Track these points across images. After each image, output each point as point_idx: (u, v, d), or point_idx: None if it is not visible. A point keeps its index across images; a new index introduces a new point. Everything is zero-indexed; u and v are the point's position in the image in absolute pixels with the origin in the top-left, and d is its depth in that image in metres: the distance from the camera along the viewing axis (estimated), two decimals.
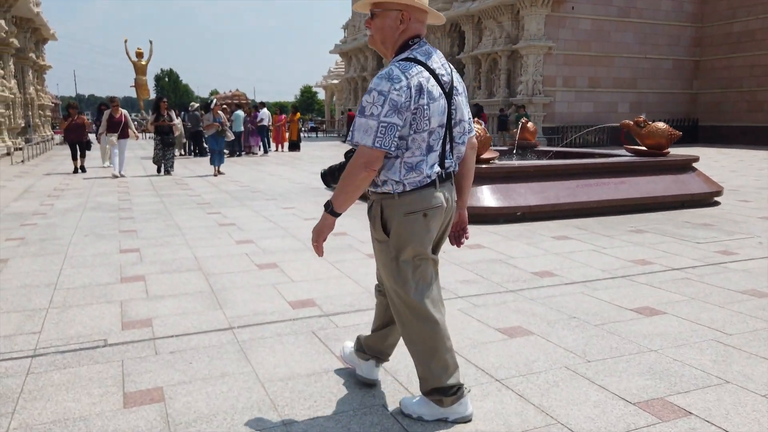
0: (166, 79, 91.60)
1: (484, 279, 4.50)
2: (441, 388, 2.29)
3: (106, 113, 12.73)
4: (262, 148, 20.36)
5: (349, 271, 4.72)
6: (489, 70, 23.39)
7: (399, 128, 2.03)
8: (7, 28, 18.92)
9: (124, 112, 12.85)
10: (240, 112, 18.85)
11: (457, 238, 2.54)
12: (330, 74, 46.69)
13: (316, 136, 38.66)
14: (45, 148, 21.40)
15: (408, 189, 2.13)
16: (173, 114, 13.73)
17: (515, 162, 7.73)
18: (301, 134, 23.39)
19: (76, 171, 13.07)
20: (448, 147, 2.23)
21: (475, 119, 7.51)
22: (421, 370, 2.33)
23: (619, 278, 4.51)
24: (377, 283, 2.57)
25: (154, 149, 12.93)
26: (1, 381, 2.79)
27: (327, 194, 9.34)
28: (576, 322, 3.54)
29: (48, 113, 30.90)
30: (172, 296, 4.09)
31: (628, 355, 3.03)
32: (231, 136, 13.22)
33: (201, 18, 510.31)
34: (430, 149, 2.14)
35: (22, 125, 22.88)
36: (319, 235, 2.20)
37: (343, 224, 6.70)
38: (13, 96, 20.24)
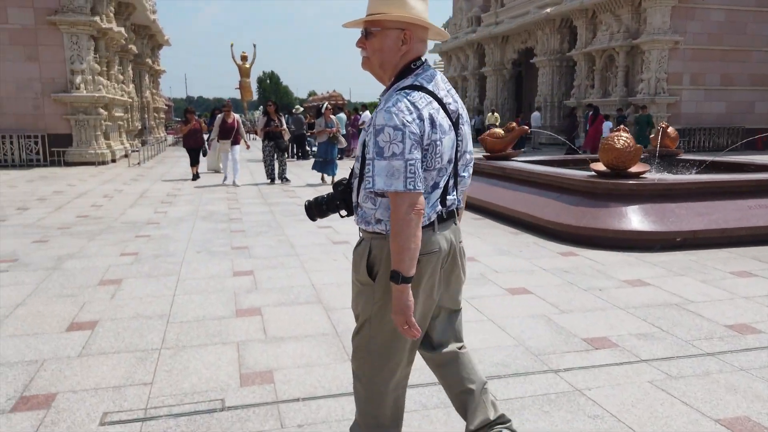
0: (268, 81, 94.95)
1: (665, 333, 3.61)
2: None
3: (218, 118, 12.19)
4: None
5: (492, 313, 3.99)
6: (604, 68, 21.70)
7: (421, 163, 1.77)
8: (126, 35, 19.87)
9: (237, 116, 12.23)
10: (342, 115, 18.63)
11: None
12: None
13: None
14: (158, 150, 22.35)
15: None
16: (283, 118, 12.87)
17: (672, 177, 6.63)
18: None
19: (194, 178, 12.72)
20: (451, 182, 1.94)
21: (621, 127, 6.51)
22: (359, 414, 2.13)
23: None
24: (425, 352, 2.18)
25: (266, 156, 12.19)
26: None
27: None
28: None
29: (162, 115, 32.60)
30: (293, 338, 3.56)
31: None
32: (344, 142, 12.49)
33: (299, 19, 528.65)
34: (434, 186, 1.88)
35: (139, 128, 24.10)
36: (407, 314, 1.81)
37: (468, 245, 5.95)
38: (131, 100, 21.28)
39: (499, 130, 8.92)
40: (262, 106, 46.57)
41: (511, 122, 9.23)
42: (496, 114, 26.32)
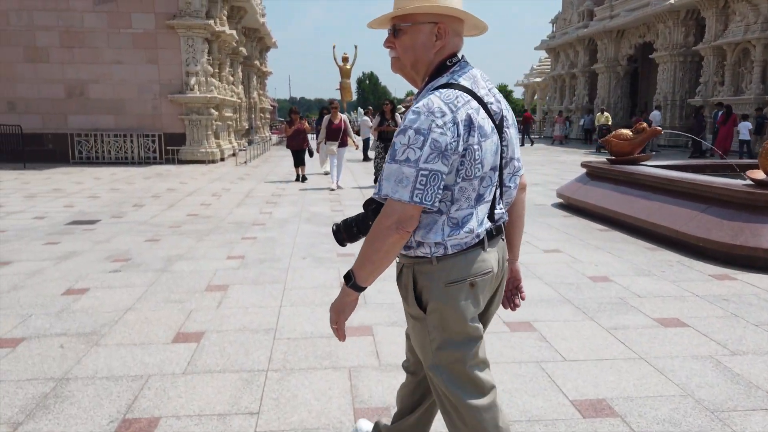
0: (367, 82, 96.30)
1: None
2: None
3: (325, 119, 11.88)
4: None
5: (644, 351, 3.35)
6: (737, 63, 19.61)
7: (444, 176, 1.55)
8: (237, 38, 20.54)
9: (344, 117, 11.87)
10: None
11: (511, 299, 2.02)
12: (532, 72, 44.40)
13: None
14: (263, 149, 23.00)
15: (450, 252, 1.66)
16: (399, 118, 12.31)
17: None
18: None
19: (298, 179, 12.54)
20: (497, 193, 1.74)
21: None
22: None
23: None
24: (406, 358, 2.06)
25: (375, 158, 11.88)
26: None
27: (563, 215, 7.95)
28: None
29: (267, 116, 33.73)
30: None
31: None
32: None
33: None
34: (480, 199, 1.66)
35: (246, 127, 24.97)
36: (340, 316, 1.72)
37: (600, 262, 5.29)
38: (240, 101, 22.02)
39: (627, 131, 8.04)
40: (360, 108, 47.09)
41: (641, 122, 8.29)
42: (606, 114, 24.74)
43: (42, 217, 7.79)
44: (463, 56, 1.72)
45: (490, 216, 1.71)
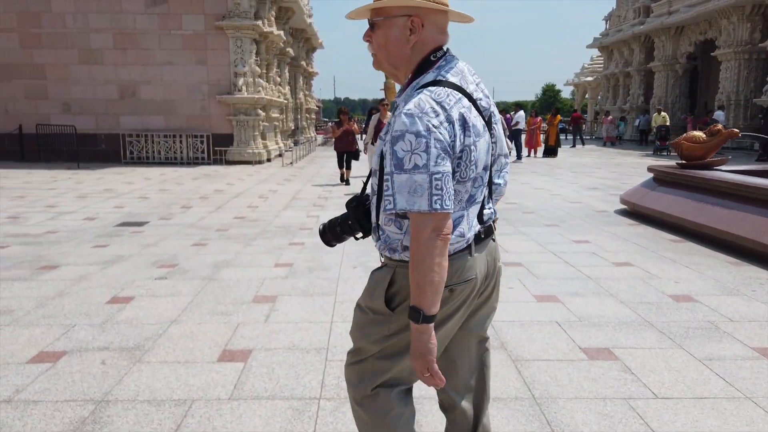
0: None
1: None
2: None
3: (374, 119, 11.42)
4: (514, 154, 18.86)
5: (746, 387, 2.91)
6: None
7: (451, 177, 1.47)
8: (284, 39, 20.54)
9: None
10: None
11: None
12: (583, 71, 43.12)
13: (565, 138, 35.82)
14: (309, 150, 22.96)
15: None
16: None
17: None
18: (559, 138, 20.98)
19: (342, 180, 12.23)
20: (486, 192, 1.66)
21: None
22: None
23: None
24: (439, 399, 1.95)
25: None
26: None
27: (628, 223, 7.43)
28: None
29: (312, 116, 33.80)
30: None
31: None
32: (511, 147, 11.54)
33: None
34: (471, 200, 1.60)
35: (292, 128, 25.00)
36: (428, 358, 1.51)
37: (680, 278, 4.82)
38: (286, 101, 22.04)
39: (699, 134, 7.45)
40: None
41: (716, 123, 7.68)
42: (663, 114, 23.64)
43: (92, 218, 7.78)
44: (448, 49, 1.64)
45: (479, 217, 1.67)
